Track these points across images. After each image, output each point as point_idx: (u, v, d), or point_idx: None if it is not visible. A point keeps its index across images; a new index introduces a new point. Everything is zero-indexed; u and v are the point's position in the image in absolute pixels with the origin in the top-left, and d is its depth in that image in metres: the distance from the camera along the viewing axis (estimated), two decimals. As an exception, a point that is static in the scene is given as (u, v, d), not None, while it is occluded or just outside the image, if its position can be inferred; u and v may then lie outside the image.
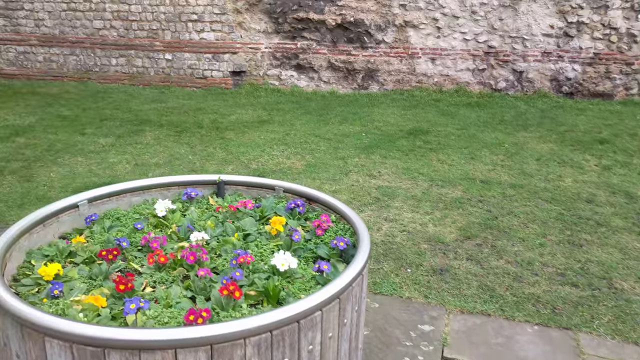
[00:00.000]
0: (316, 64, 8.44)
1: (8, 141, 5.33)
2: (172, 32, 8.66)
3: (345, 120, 6.28)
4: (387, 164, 4.60)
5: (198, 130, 5.82)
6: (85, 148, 5.13)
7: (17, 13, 9.21)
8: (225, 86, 8.61)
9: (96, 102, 7.51)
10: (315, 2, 8.23)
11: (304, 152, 5.02)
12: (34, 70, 9.43)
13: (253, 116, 6.63)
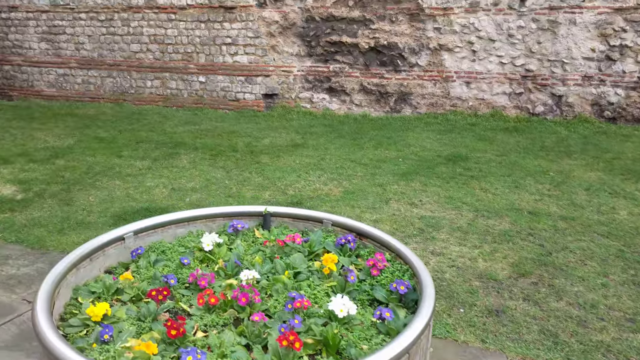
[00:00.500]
0: (348, 87, 8.38)
1: (48, 163, 5.39)
2: (206, 55, 8.75)
3: (380, 145, 6.16)
4: (428, 191, 4.44)
5: (233, 154, 5.78)
6: (123, 171, 5.13)
7: (59, 37, 9.48)
8: (257, 109, 8.62)
9: (132, 123, 7.60)
10: (349, 25, 8.21)
11: (340, 177, 4.91)
12: (72, 92, 9.65)
13: (287, 140, 6.57)
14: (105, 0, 9.03)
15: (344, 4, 8.14)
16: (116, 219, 3.90)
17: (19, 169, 5.18)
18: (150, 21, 8.90)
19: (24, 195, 4.42)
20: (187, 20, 8.70)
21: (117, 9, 9.01)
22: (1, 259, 3.32)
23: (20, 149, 5.95)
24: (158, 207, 4.12)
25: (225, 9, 8.47)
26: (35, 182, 4.78)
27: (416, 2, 7.73)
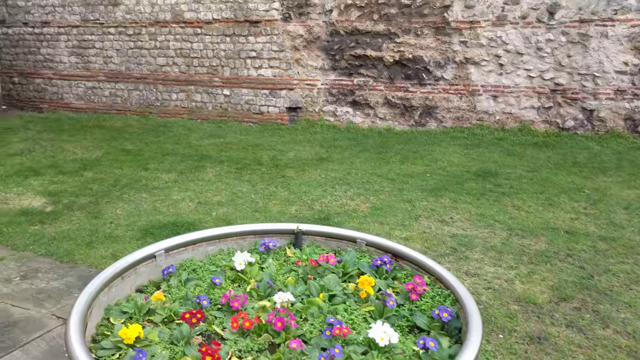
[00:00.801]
0: (372, 100, 8.32)
1: (77, 175, 5.43)
2: (231, 69, 8.81)
3: (406, 159, 6.05)
4: (459, 208, 4.32)
5: (258, 167, 5.75)
6: (149, 184, 5.14)
7: (88, 51, 9.67)
8: (281, 122, 8.62)
9: (157, 136, 7.66)
10: (373, 39, 8.18)
11: (367, 193, 4.82)
12: (100, 104, 9.81)
13: (311, 153, 6.52)
14: (133, 15, 9.19)
15: (369, 18, 8.12)
16: (143, 233, 3.88)
17: (49, 180, 5.23)
18: (176, 35, 9.02)
19: (54, 208, 4.45)
20: (212, 34, 8.79)
21: (145, 24, 9.16)
22: (31, 272, 3.32)
23: (50, 160, 6.03)
24: (185, 221, 4.09)
25: (251, 23, 8.53)
26: (65, 194, 4.81)
27: (442, 15, 7.65)
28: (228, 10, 8.59)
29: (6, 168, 5.68)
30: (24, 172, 5.50)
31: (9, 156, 6.21)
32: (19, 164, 5.86)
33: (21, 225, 4.03)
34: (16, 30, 10.09)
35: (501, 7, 7.30)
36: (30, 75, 10.22)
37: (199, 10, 8.76)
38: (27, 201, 4.63)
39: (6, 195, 4.77)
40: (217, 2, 8.62)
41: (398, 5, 7.88)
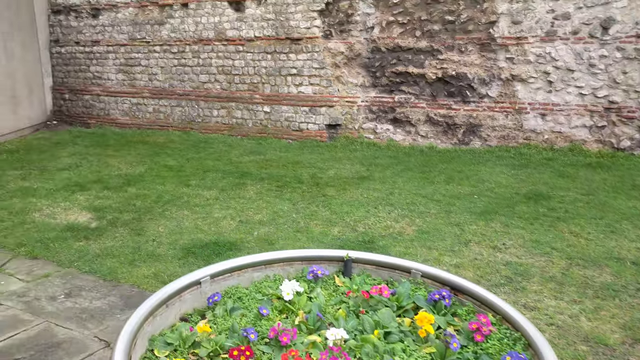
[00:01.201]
0: (414, 117, 8.13)
1: (121, 191, 5.48)
2: (272, 86, 8.83)
3: (451, 179, 5.83)
4: (511, 234, 4.07)
5: (299, 186, 5.65)
6: (191, 201, 5.12)
7: (134, 69, 9.93)
8: (320, 139, 8.54)
9: (198, 152, 7.71)
10: (415, 56, 8.02)
11: (412, 214, 4.63)
12: (143, 120, 10.03)
13: (352, 171, 6.39)
14: (178, 34, 9.39)
15: (411, 35, 7.98)
16: (185, 252, 3.82)
17: (94, 196, 5.30)
18: (219, 53, 9.13)
19: (98, 224, 4.47)
20: (254, 51, 8.85)
21: (189, 42, 9.33)
22: (75, 289, 3.30)
23: (96, 175, 6.13)
24: (226, 240, 4.01)
25: (292, 40, 8.55)
26: (109, 209, 4.85)
27: (487, 32, 7.43)
28: (270, 28, 8.64)
29: (55, 182, 5.80)
30: (71, 187, 5.59)
31: (58, 171, 6.36)
32: (66, 178, 5.98)
33: (67, 241, 4.05)
34: (69, 49, 10.49)
35: (550, 22, 7.02)
36: (79, 92, 10.58)
37: (241, 28, 8.86)
38: (73, 216, 4.68)
39: (54, 209, 4.85)
40: (259, 20, 8.70)
41: (441, 21, 7.71)
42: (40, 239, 4.05)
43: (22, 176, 6.08)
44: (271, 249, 3.90)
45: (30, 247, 3.91)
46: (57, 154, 7.42)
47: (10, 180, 5.89)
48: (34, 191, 5.43)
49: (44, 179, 5.97)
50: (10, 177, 6.04)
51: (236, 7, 8.94)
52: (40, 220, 4.53)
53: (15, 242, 4.01)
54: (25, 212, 4.75)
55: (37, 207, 4.90)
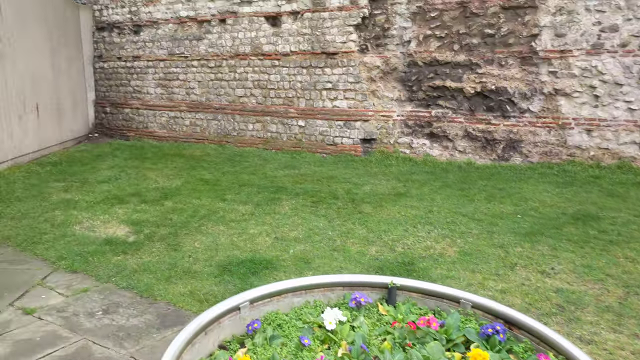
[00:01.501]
0: (451, 132, 7.93)
1: (158, 204, 5.52)
2: (307, 100, 8.81)
3: (492, 197, 5.61)
4: (560, 257, 3.84)
5: (334, 202, 5.55)
6: (227, 216, 5.09)
7: (172, 83, 10.13)
8: (355, 153, 8.44)
9: (234, 165, 7.73)
10: (453, 70, 7.85)
11: (453, 234, 4.45)
12: (180, 133, 10.18)
13: (388, 187, 6.25)
14: (215, 49, 9.52)
15: (449, 48, 7.82)
16: (221, 269, 3.77)
17: (132, 209, 5.35)
18: (255, 67, 9.20)
19: (136, 238, 4.49)
20: (289, 66, 8.88)
21: (226, 57, 9.45)
22: (112, 306, 3.29)
23: (134, 188, 6.20)
24: (262, 258, 3.94)
25: (327, 55, 8.52)
26: (146, 223, 4.87)
27: (529, 45, 7.20)
28: (306, 42, 8.65)
29: (95, 195, 5.90)
30: (110, 200, 5.67)
31: (98, 183, 6.48)
32: (106, 191, 6.08)
33: (105, 255, 4.07)
34: (111, 64, 10.81)
35: (597, 34, 6.74)
36: (120, 106, 10.86)
37: (277, 43, 8.90)
38: (112, 230, 4.72)
39: (94, 222, 4.91)
40: (295, 35, 8.72)
41: (480, 35, 7.53)
42: (80, 253, 4.08)
43: (65, 188, 6.22)
44: (307, 268, 3.81)
45: (70, 261, 3.95)
46: (97, 167, 7.58)
47: (53, 192, 6.03)
48: (75, 203, 5.54)
49: (84, 191, 6.09)
50: (54, 189, 6.19)
51: (273, 22, 9.00)
52: (80, 234, 4.58)
53: (56, 255, 4.06)
54: (66, 225, 4.83)
55: (77, 220, 4.98)
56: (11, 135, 7.53)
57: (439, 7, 7.73)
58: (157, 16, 10.02)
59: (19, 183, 6.41)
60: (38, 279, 3.69)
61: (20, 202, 5.55)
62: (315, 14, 8.49)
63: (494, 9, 7.36)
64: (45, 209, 5.32)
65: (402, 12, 8.04)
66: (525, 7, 7.17)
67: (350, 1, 8.21)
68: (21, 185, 6.28)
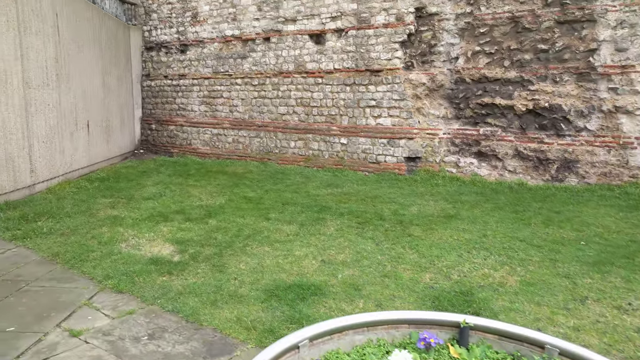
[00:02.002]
0: (501, 151, 7.58)
1: (202, 222, 5.45)
2: (350, 118, 8.67)
3: (550, 221, 5.24)
4: (637, 291, 3.47)
5: (380, 223, 5.32)
6: (271, 236, 4.95)
7: (216, 100, 10.22)
8: (398, 172, 8.19)
9: (276, 183, 7.63)
10: (503, 87, 7.53)
11: (511, 261, 4.14)
12: (223, 150, 10.22)
13: (436, 209, 5.96)
14: (259, 67, 9.55)
15: (499, 65, 7.52)
16: (268, 294, 3.60)
17: (177, 227, 5.29)
18: (298, 85, 9.15)
19: (181, 257, 4.40)
20: (332, 83, 8.78)
21: (269, 74, 9.45)
22: (158, 330, 3.17)
23: (179, 206, 6.18)
24: (310, 283, 3.76)
25: (372, 72, 8.37)
26: (191, 242, 4.79)
27: (586, 60, 6.82)
28: (349, 60, 8.54)
29: (141, 212, 5.90)
30: (155, 217, 5.65)
31: (144, 200, 6.50)
32: (151, 208, 6.08)
33: (151, 275, 3.99)
34: (158, 82, 11.04)
35: (663, 49, 6.30)
36: (165, 123, 11.04)
37: (320, 60, 8.84)
38: (157, 248, 4.66)
39: (139, 240, 4.87)
40: (339, 53, 8.63)
41: (533, 50, 7.20)
42: (126, 272, 4.02)
43: (111, 205, 6.26)
44: (358, 296, 3.59)
45: (117, 280, 3.88)
46: (142, 183, 7.64)
47: (100, 208, 6.08)
48: (121, 220, 5.54)
49: (130, 208, 6.11)
50: (101, 205, 6.24)
51: (317, 40, 8.96)
52: (126, 252, 4.54)
53: (103, 274, 4.00)
54: (112, 242, 4.80)
55: (123, 237, 4.95)
56: (63, 152, 7.72)
57: (489, 22, 7.47)
58: (203, 35, 10.18)
59: (68, 199, 6.50)
60: (85, 298, 3.63)
61: (69, 218, 5.60)
62: (360, 31, 8.38)
63: (548, 23, 7.03)
64: (92, 226, 5.34)
65: (449, 28, 7.81)
66: (582, 21, 6.81)
67: (396, 18, 8.06)
68: (70, 201, 6.37)
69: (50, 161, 7.35)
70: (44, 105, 7.24)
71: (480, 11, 7.52)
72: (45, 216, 5.63)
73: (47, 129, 7.30)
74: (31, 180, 6.86)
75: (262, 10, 9.37)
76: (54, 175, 7.44)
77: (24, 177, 6.69)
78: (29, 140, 6.84)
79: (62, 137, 7.72)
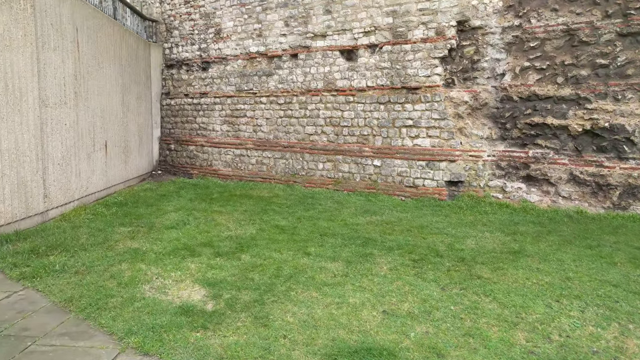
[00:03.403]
0: (553, 175, 6.81)
1: (234, 258, 4.72)
2: (384, 138, 7.96)
3: (636, 260, 4.44)
4: None
5: (439, 261, 4.56)
6: (316, 277, 4.20)
7: (239, 120, 9.59)
8: (438, 197, 7.43)
9: (307, 209, 6.91)
10: (556, 105, 6.79)
11: (617, 316, 3.34)
12: (246, 171, 9.55)
13: (495, 242, 5.19)
14: (285, 85, 8.93)
15: (551, 81, 6.80)
16: (329, 361, 2.84)
17: (206, 264, 4.57)
18: (327, 104, 8.50)
19: (215, 305, 3.67)
20: (365, 102, 8.11)
21: (296, 93, 8.82)
22: (197, 416, 2.42)
23: (205, 236, 5.47)
24: (378, 345, 2.99)
25: (408, 89, 7.69)
26: (225, 284, 4.05)
27: (652, 76, 6.08)
28: (384, 77, 7.88)
29: (163, 244, 5.19)
30: (180, 251, 4.94)
31: (166, 229, 5.80)
32: (175, 239, 5.37)
33: (182, 330, 3.25)
34: (178, 101, 10.46)
35: None
36: (185, 143, 10.42)
37: (352, 78, 8.19)
38: (186, 292, 3.93)
39: (164, 282, 4.14)
40: (372, 69, 7.98)
41: (591, 65, 6.48)
42: (152, 326, 3.29)
43: (131, 234, 5.57)
44: (442, 364, 2.82)
45: (141, 337, 3.15)
46: (163, 208, 6.96)
47: (119, 239, 5.39)
48: (142, 255, 4.83)
49: (151, 238, 5.41)
50: (119, 235, 5.55)
51: (348, 56, 8.32)
52: (151, 297, 3.81)
53: (125, 328, 3.28)
54: (134, 283, 4.09)
55: (146, 277, 4.23)
56: (79, 174, 7.08)
57: (540, 35, 6.77)
58: (227, 52, 9.61)
59: (84, 228, 5.82)
60: (103, 362, 2.90)
61: (85, 252, 4.90)
62: (396, 46, 7.73)
63: (609, 36, 6.32)
64: (111, 261, 4.64)
65: (494, 42, 7.13)
66: (650, 34, 6.11)
67: (436, 32, 7.40)
68: (86, 230, 5.69)
69: (65, 185, 6.70)
70: (61, 125, 6.63)
71: (531, 24, 6.83)
72: (59, 249, 4.94)
73: (63, 150, 6.68)
74: (44, 206, 6.20)
75: (290, 25, 8.79)
76: (69, 200, 6.78)
77: (36, 203, 6.04)
78: (43, 163, 6.20)
79: (79, 159, 7.10)
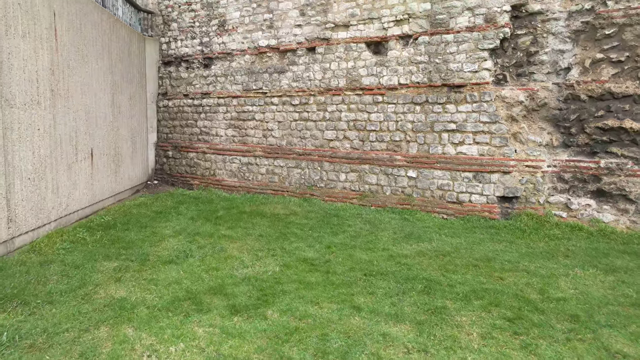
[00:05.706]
0: (633, 191, 5.47)
1: (257, 316, 3.31)
2: (420, 145, 6.59)
3: None
4: None
5: (542, 320, 3.18)
6: (382, 354, 2.81)
7: (247, 123, 8.17)
8: (489, 215, 6.07)
9: (335, 232, 5.52)
10: (636, 105, 5.45)
11: None
12: (254, 182, 8.13)
13: (600, 285, 3.82)
14: (301, 83, 7.53)
15: (631, 77, 5.45)
16: None
17: (219, 327, 3.16)
18: (351, 105, 7.11)
19: (239, 419, 2.26)
20: (397, 102, 6.72)
21: (314, 92, 7.42)
22: None
23: (214, 277, 4.06)
24: None
25: (450, 87, 6.32)
26: (249, 370, 2.65)
27: None
28: (420, 73, 6.50)
29: (159, 290, 3.78)
30: (181, 303, 3.53)
31: (163, 264, 4.38)
32: (175, 281, 3.96)
33: None
34: (176, 102, 9.02)
35: None
36: (184, 149, 8.98)
37: (381, 74, 6.80)
38: (192, 386, 2.52)
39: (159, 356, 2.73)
40: (405, 64, 6.60)
41: (685, 57, 5.15)
42: None
43: (116, 273, 4.15)
44: None
45: None
46: (159, 232, 5.54)
47: (100, 281, 3.96)
48: (130, 310, 3.41)
49: (143, 280, 3.99)
50: (102, 274, 4.12)
51: (375, 49, 6.94)
52: (138, 399, 2.41)
53: None
54: (114, 366, 2.68)
55: (134, 355, 2.82)
56: (56, 190, 5.64)
57: (619, 21, 5.42)
58: (232, 47, 8.18)
59: (56, 264, 4.39)
60: None
61: (50, 305, 3.48)
62: (435, 37, 6.35)
63: None
64: (85, 323, 3.22)
65: (558, 30, 5.77)
66: None
67: (485, 19, 6.03)
68: (58, 269, 4.26)
69: (37, 204, 5.26)
70: (32, 130, 5.19)
71: (607, 6, 5.48)
72: (14, 302, 3.51)
73: (36, 162, 5.24)
74: (8, 233, 4.76)
75: (306, 14, 7.38)
76: (42, 223, 5.34)
77: (-4, 230, 4.60)
78: (7, 178, 4.76)
79: (57, 171, 5.66)
